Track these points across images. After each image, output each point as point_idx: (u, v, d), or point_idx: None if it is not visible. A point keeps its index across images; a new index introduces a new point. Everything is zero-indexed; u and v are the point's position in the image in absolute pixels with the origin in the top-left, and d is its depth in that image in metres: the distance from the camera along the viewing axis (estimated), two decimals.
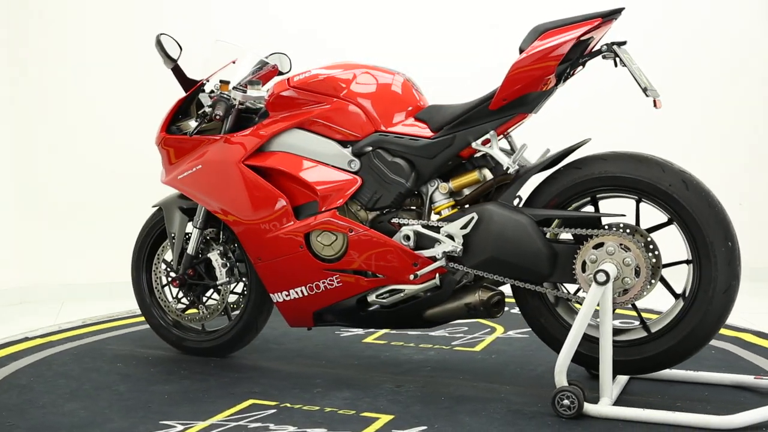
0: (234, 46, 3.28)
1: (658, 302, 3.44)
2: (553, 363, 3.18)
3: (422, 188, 2.96)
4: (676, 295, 2.79)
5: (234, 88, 3.19)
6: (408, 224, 2.90)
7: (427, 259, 2.86)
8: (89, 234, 3.32)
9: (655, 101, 2.64)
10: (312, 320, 3.13)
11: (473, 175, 2.89)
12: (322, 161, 3.00)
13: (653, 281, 2.68)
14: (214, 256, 3.27)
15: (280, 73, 3.48)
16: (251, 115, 3.21)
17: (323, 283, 3.00)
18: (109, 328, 3.99)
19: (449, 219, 2.87)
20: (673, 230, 2.77)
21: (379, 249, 2.89)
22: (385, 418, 2.61)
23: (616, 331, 2.78)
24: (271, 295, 3.14)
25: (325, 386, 2.96)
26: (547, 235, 2.74)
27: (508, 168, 2.78)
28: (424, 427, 2.52)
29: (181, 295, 3.38)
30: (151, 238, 3.46)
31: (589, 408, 2.58)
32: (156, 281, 3.44)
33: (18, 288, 4.74)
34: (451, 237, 2.83)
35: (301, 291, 3.05)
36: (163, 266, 3.42)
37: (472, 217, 2.78)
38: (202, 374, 3.16)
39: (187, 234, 3.34)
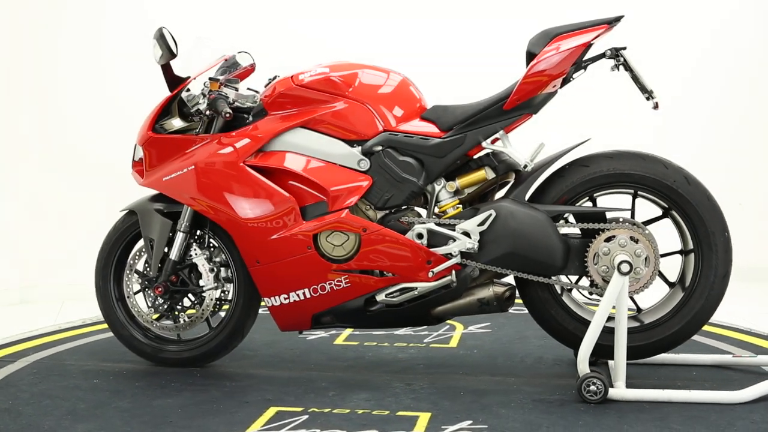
0: (215, 43, 3.15)
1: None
2: (535, 354, 3.37)
3: (427, 187, 2.99)
4: (670, 284, 3.01)
5: (226, 86, 3.07)
6: (420, 222, 2.92)
7: (441, 257, 2.89)
8: (89, 234, 3.10)
9: (657, 104, 2.83)
10: (309, 323, 3.07)
11: (480, 174, 2.97)
12: (330, 161, 2.95)
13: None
14: (201, 261, 3.12)
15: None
16: (240, 114, 3.10)
17: (329, 284, 2.96)
18: (53, 343, 3.69)
19: (460, 217, 2.92)
20: (657, 222, 3.00)
21: (394, 248, 2.89)
22: (424, 416, 2.62)
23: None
24: (265, 299, 3.05)
25: (336, 389, 2.92)
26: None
27: (526, 166, 2.88)
28: (470, 422, 2.56)
29: (158, 303, 3.19)
30: (121, 244, 3.24)
31: (612, 392, 2.72)
32: (128, 290, 3.23)
33: (18, 288, 4.67)
34: (467, 234, 2.88)
35: (304, 293, 2.99)
36: (136, 274, 3.22)
37: (490, 214, 2.85)
38: (195, 385, 3.00)
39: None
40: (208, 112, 3.01)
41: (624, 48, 2.87)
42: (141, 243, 3.25)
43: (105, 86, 4.79)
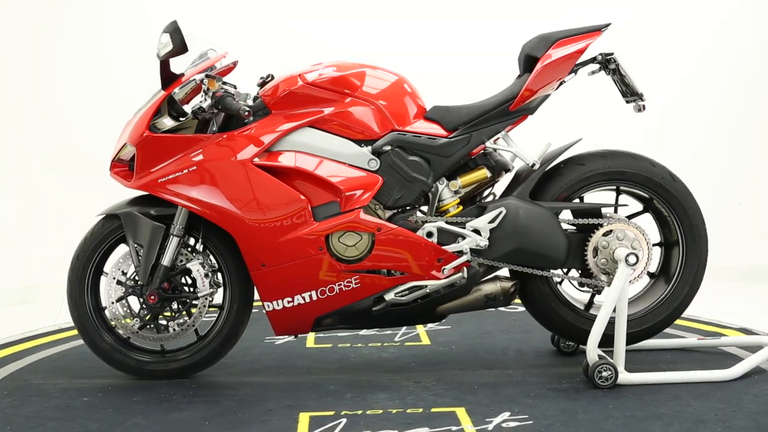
0: (206, 39, 3.01)
1: None
2: (511, 347, 3.50)
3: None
4: (651, 275, 3.23)
5: (224, 83, 2.95)
6: (430, 221, 2.95)
7: (451, 254, 2.94)
8: None
9: (644, 106, 3.04)
10: (310, 326, 3.02)
11: (481, 173, 3.05)
12: (340, 161, 2.92)
13: None
14: (196, 266, 2.97)
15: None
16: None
17: (338, 285, 2.92)
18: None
19: (465, 215, 2.99)
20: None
21: (407, 247, 2.91)
22: (459, 410, 2.66)
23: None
24: (265, 303, 2.96)
25: (349, 391, 2.89)
26: None
27: (534, 164, 2.99)
28: (508, 413, 2.63)
29: (143, 312, 3.00)
30: (100, 251, 3.02)
31: (620, 377, 2.89)
32: (110, 299, 3.01)
33: (18, 288, 4.66)
34: (477, 231, 2.95)
35: (310, 296, 2.93)
36: (119, 285, 3.01)
37: (501, 212, 2.94)
38: (200, 396, 2.86)
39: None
40: (212, 111, 2.86)
41: (612, 53, 3.06)
42: (118, 250, 3.05)
43: (105, 86, 4.72)
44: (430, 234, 2.95)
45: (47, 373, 3.17)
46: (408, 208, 2.99)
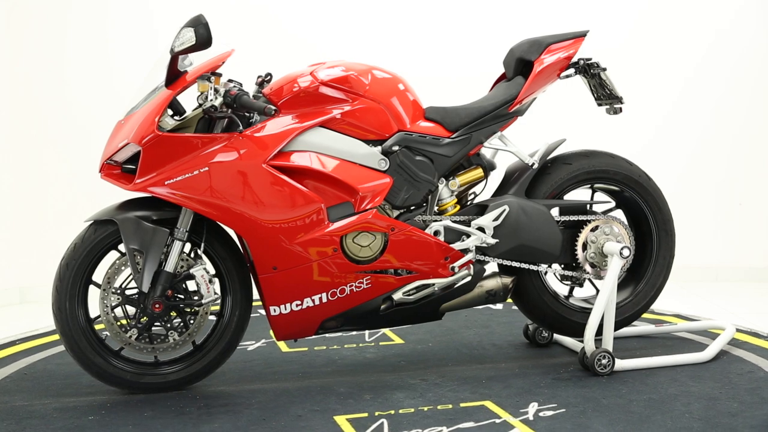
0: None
1: None
2: (484, 341, 3.64)
3: None
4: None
5: (229, 80, 2.84)
6: (436, 220, 2.99)
7: (458, 252, 3.00)
8: None
9: (621, 108, 3.24)
10: (315, 329, 2.97)
11: (478, 173, 3.13)
12: (352, 161, 2.89)
13: None
14: (200, 272, 2.84)
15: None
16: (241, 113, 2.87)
17: (350, 286, 2.90)
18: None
19: (467, 213, 3.06)
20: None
21: (419, 246, 2.93)
22: (488, 404, 2.72)
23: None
24: (272, 307, 2.89)
25: (365, 392, 2.87)
26: None
27: (533, 164, 3.10)
28: (536, 403, 2.72)
29: (140, 324, 2.83)
30: (93, 260, 2.81)
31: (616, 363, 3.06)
32: (105, 310, 2.81)
33: (18, 288, 4.71)
34: (481, 229, 3.02)
35: (320, 298, 2.89)
36: (111, 292, 2.82)
37: (504, 210, 3.02)
38: (215, 407, 2.74)
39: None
40: (223, 109, 2.74)
41: (591, 58, 3.23)
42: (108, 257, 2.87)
43: (109, 86, 4.66)
44: (437, 233, 2.99)
45: (25, 394, 2.91)
46: (413, 207, 3.02)
